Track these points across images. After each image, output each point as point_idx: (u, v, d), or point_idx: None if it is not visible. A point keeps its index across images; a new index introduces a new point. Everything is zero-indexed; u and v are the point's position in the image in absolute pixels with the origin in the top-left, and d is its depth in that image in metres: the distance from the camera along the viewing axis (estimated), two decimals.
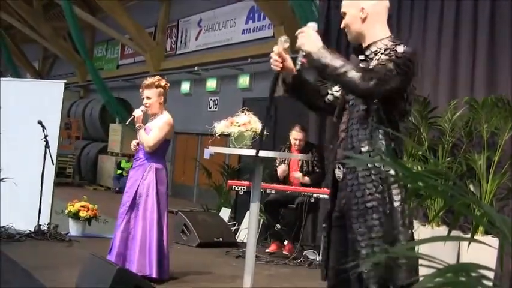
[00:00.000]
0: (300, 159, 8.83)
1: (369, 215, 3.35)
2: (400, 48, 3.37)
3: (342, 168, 3.53)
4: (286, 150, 8.82)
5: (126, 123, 6.91)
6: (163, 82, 6.64)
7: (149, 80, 6.65)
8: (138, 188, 6.44)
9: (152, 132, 6.47)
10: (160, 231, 6.46)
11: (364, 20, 3.46)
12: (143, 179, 6.45)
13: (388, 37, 3.49)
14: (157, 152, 6.54)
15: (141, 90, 6.64)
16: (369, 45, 3.49)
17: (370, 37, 3.49)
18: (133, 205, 6.43)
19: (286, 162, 8.94)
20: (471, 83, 7.78)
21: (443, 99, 7.96)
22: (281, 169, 8.79)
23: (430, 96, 7.87)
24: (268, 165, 9.92)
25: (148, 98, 6.56)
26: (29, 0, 24.62)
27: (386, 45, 3.43)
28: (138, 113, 6.54)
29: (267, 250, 8.73)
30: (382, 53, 3.41)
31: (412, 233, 3.39)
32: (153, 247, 6.38)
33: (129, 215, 6.43)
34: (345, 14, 3.55)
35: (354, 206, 3.41)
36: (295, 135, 8.77)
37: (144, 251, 6.38)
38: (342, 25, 3.58)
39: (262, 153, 4.76)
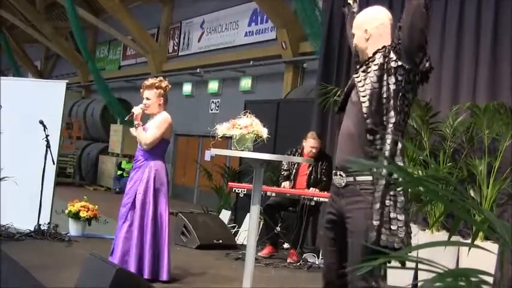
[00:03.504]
0: (309, 166, 8.78)
1: (370, 220, 3.43)
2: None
3: (343, 176, 3.61)
4: (298, 154, 8.77)
5: (125, 119, 6.91)
6: (164, 84, 6.61)
7: (150, 81, 6.64)
8: (137, 190, 6.44)
9: (150, 130, 6.48)
10: (156, 232, 6.45)
11: (367, 40, 3.75)
12: (142, 180, 6.44)
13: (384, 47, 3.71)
14: (156, 152, 6.53)
15: (141, 90, 6.64)
16: (369, 58, 3.71)
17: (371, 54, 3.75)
18: (133, 206, 6.43)
19: (295, 166, 8.91)
20: (473, 88, 7.79)
21: (445, 105, 7.96)
22: (284, 186, 8.77)
23: (432, 101, 7.87)
24: (269, 168, 9.93)
25: (147, 98, 6.56)
26: (31, 0, 24.65)
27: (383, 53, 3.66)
28: (137, 110, 6.53)
29: (259, 254, 8.59)
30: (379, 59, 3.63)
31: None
32: (147, 247, 6.37)
33: (130, 216, 6.43)
34: (353, 35, 3.87)
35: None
36: (312, 143, 8.63)
37: (141, 251, 6.38)
38: (353, 44, 3.92)
39: (266, 156, 4.77)
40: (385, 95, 3.50)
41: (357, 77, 3.64)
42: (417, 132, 7.66)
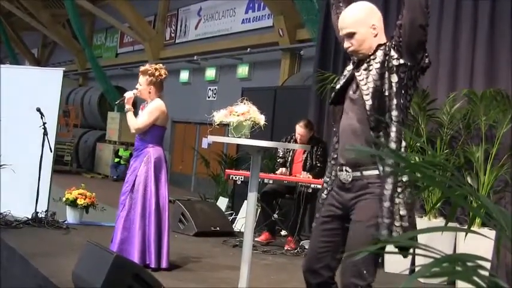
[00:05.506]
0: (304, 153, 8.78)
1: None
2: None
3: (350, 171, 3.59)
4: (292, 141, 8.78)
5: (116, 103, 6.96)
6: (157, 72, 6.55)
7: (144, 67, 6.66)
8: (136, 177, 6.44)
9: (140, 117, 6.50)
10: (159, 220, 6.46)
11: (376, 35, 3.60)
12: (142, 168, 6.45)
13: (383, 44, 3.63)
14: (154, 140, 6.53)
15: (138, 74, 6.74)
16: (370, 55, 3.61)
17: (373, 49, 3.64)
18: (133, 194, 6.43)
19: (291, 153, 8.92)
20: (470, 75, 7.79)
21: (442, 92, 7.97)
22: (280, 172, 8.77)
23: (429, 88, 7.88)
24: (266, 155, 9.94)
25: (140, 84, 6.60)
26: None
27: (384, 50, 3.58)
28: (129, 94, 6.58)
29: (256, 239, 8.58)
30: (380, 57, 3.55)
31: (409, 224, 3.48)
32: (152, 236, 6.38)
33: (129, 204, 6.42)
34: (353, 33, 3.59)
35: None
36: (298, 130, 8.68)
37: (144, 240, 6.39)
38: (348, 45, 3.63)
39: (263, 143, 4.77)
40: (387, 93, 3.45)
41: (358, 75, 3.56)
42: (414, 119, 7.66)
